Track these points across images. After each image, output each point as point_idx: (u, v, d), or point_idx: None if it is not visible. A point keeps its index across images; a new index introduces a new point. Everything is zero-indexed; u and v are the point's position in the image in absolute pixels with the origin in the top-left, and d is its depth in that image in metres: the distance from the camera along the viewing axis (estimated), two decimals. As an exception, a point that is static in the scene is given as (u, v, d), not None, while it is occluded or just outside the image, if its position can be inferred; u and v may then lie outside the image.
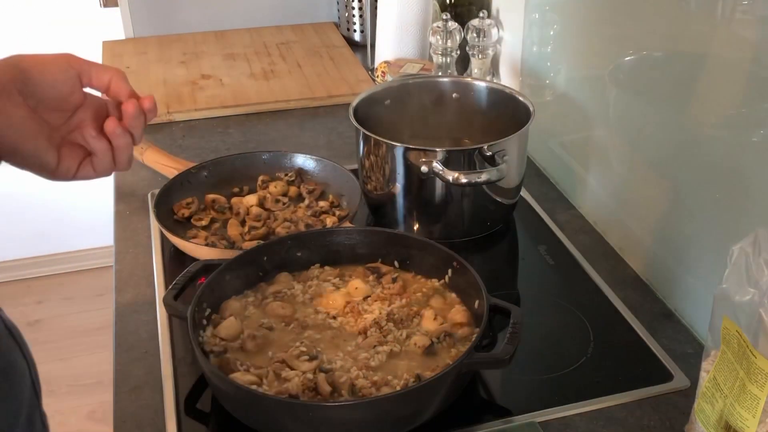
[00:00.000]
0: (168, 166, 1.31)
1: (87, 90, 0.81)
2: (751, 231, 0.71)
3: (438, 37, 1.52)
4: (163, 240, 1.18)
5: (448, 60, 1.54)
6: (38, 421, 0.79)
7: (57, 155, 0.79)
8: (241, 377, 0.85)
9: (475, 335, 0.89)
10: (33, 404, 0.78)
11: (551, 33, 1.36)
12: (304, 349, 0.89)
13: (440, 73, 1.53)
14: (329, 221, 1.17)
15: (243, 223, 1.19)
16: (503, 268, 1.19)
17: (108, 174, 0.83)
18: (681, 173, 1.03)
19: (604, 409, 0.90)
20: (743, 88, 0.90)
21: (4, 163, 0.78)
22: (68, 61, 0.78)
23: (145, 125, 0.82)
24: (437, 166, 1.08)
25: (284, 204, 1.22)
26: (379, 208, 1.22)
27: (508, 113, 1.23)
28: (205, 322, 0.93)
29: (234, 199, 1.23)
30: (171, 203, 1.20)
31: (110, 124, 0.79)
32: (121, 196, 1.33)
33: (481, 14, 1.50)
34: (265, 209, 1.21)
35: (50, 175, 0.80)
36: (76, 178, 0.81)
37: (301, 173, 1.27)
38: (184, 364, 0.97)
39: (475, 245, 1.19)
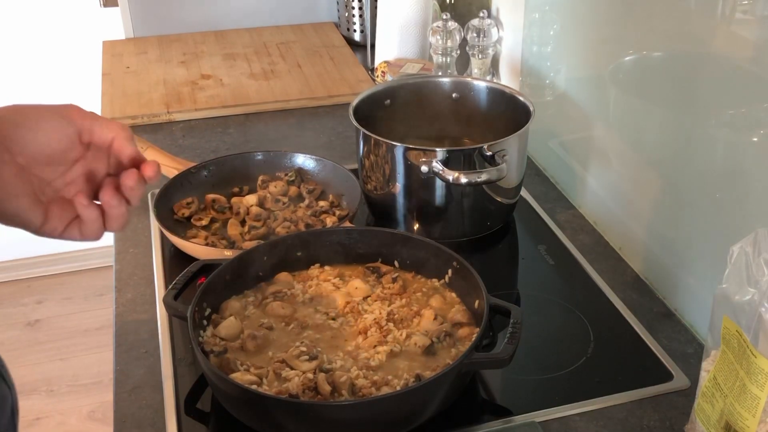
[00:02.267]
0: (168, 166, 1.31)
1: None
2: (751, 231, 0.71)
3: (438, 37, 1.52)
4: (163, 240, 1.18)
5: (448, 60, 1.54)
6: None
7: (43, 214, 0.71)
8: (241, 377, 0.85)
9: (475, 335, 0.89)
10: (11, 429, 0.74)
11: (551, 33, 1.36)
12: (304, 349, 0.89)
13: (440, 73, 1.53)
14: (329, 221, 1.16)
15: (243, 223, 1.19)
16: (503, 268, 1.19)
17: (96, 239, 0.74)
18: (681, 173, 1.03)
19: (604, 409, 0.90)
20: (743, 88, 0.90)
21: None
22: (68, 116, 0.71)
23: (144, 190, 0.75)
24: (437, 166, 1.08)
25: (284, 204, 1.22)
26: (379, 208, 1.22)
27: (508, 113, 1.23)
28: (205, 322, 0.93)
29: (234, 199, 1.23)
30: (171, 203, 1.20)
31: (106, 195, 0.72)
32: (121, 195, 1.33)
33: (481, 14, 1.50)
34: (265, 209, 1.21)
35: (34, 232, 0.73)
36: (62, 239, 0.73)
37: (301, 173, 1.27)
38: (184, 364, 0.97)
39: (475, 245, 1.19)
